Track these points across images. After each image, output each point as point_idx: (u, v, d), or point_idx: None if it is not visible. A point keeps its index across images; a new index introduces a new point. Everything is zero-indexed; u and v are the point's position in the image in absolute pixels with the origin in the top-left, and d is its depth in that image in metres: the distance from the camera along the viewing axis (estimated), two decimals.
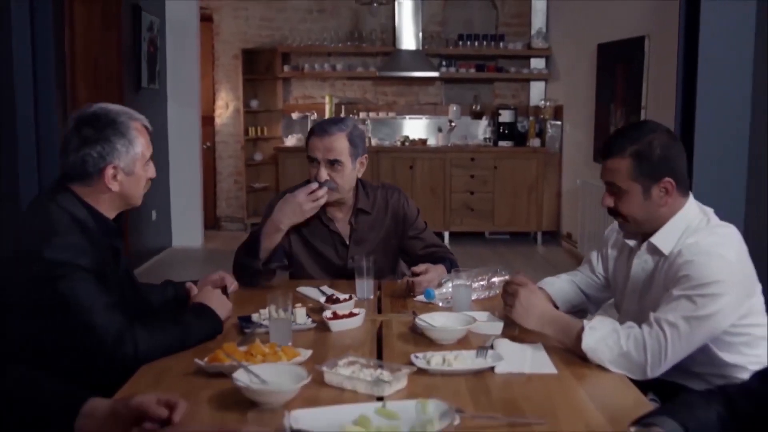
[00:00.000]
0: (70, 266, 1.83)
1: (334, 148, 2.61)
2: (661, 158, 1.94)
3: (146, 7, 6.76)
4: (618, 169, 1.97)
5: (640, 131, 1.98)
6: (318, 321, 2.13)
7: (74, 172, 1.97)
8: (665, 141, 1.96)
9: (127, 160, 1.98)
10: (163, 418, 1.37)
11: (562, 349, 1.92)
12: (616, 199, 2.00)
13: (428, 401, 1.31)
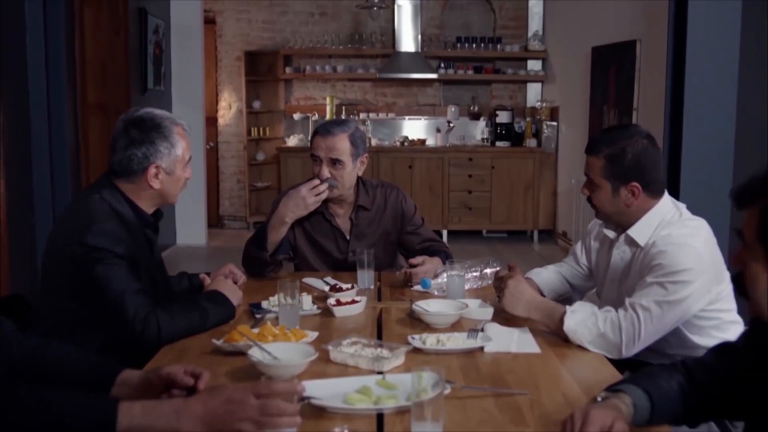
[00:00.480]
0: (106, 252, 2.03)
1: (336, 147, 2.77)
2: (631, 164, 2.12)
3: (152, 10, 6.91)
4: (593, 166, 2.16)
5: (620, 135, 2.16)
6: (323, 308, 2.30)
7: (120, 169, 2.17)
8: (641, 148, 2.13)
9: (169, 161, 2.18)
10: (190, 386, 1.55)
11: (547, 332, 2.09)
12: (590, 191, 2.20)
13: (423, 372, 1.48)
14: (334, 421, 1.40)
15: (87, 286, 2.04)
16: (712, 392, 1.52)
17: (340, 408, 1.51)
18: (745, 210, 1.30)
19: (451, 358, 1.88)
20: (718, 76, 4.50)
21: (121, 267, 2.06)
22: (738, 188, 1.33)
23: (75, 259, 2.05)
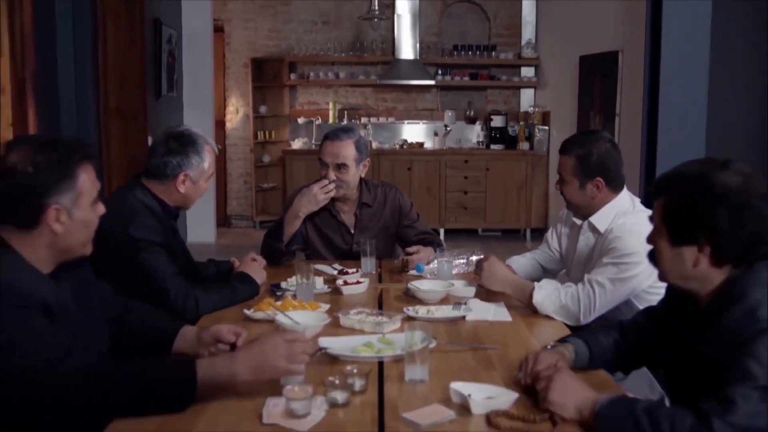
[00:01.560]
0: (148, 242, 2.44)
1: (342, 153, 3.16)
2: (596, 163, 2.54)
3: (166, 21, 7.28)
4: (565, 165, 2.58)
5: (587, 139, 2.59)
6: (332, 287, 2.72)
7: (155, 171, 2.57)
8: (605, 150, 2.55)
9: (197, 172, 2.60)
10: (232, 342, 1.96)
11: (519, 307, 2.51)
12: (562, 186, 2.62)
13: (415, 330, 1.89)
14: (345, 366, 1.80)
15: (131, 270, 2.44)
16: (640, 346, 1.93)
17: (350, 356, 1.92)
18: (655, 201, 1.72)
19: (438, 324, 2.29)
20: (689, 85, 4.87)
21: (161, 254, 2.47)
22: (654, 182, 1.74)
23: (120, 248, 2.43)
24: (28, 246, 1.69)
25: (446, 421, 1.58)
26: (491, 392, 1.68)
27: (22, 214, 1.68)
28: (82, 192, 1.74)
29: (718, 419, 1.38)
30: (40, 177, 1.67)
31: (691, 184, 1.64)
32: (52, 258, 1.74)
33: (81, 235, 1.77)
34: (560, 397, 1.57)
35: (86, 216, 1.76)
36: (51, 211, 1.69)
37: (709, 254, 1.61)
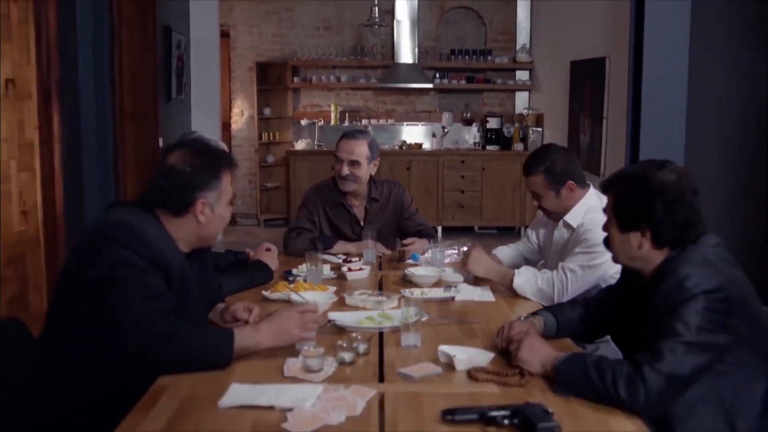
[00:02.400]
0: None
1: (356, 151, 3.50)
2: (562, 170, 2.88)
3: (175, 27, 7.60)
4: (535, 183, 2.92)
5: (546, 154, 2.93)
6: (338, 273, 3.06)
7: None
8: (563, 157, 2.90)
9: None
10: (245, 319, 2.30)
11: (502, 291, 2.85)
12: (539, 201, 2.95)
13: (410, 306, 2.22)
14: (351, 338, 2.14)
15: None
16: (601, 318, 2.27)
17: (354, 327, 2.27)
18: (607, 194, 2.06)
19: (431, 304, 2.63)
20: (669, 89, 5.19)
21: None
22: (605, 180, 2.08)
23: None
24: (175, 228, 2.10)
25: (434, 374, 1.92)
26: (472, 353, 2.02)
27: (177, 204, 2.09)
28: (223, 192, 2.15)
29: (648, 367, 1.72)
30: (195, 176, 2.08)
31: (634, 182, 1.99)
32: (189, 243, 2.14)
33: (217, 227, 2.17)
34: (528, 355, 1.92)
35: (223, 212, 2.17)
36: (199, 204, 2.09)
37: (650, 238, 1.95)
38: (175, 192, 2.08)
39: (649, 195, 1.92)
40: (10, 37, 4.42)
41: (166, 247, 2.04)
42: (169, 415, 1.66)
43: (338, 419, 1.63)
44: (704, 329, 1.75)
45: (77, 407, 1.97)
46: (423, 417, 1.66)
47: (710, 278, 1.81)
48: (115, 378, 1.95)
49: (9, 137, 4.40)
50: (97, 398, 1.96)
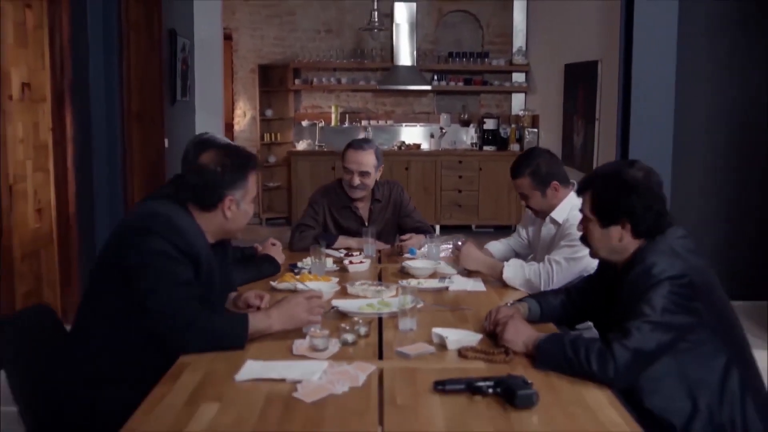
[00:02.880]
0: None
1: (365, 162, 3.72)
2: (547, 172, 3.09)
3: (180, 31, 7.78)
4: (522, 185, 3.14)
5: (531, 157, 3.15)
6: (340, 266, 3.27)
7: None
8: (547, 159, 3.11)
9: None
10: (257, 306, 2.51)
11: (493, 282, 3.06)
12: (527, 201, 3.17)
13: (407, 294, 2.43)
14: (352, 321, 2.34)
15: None
16: (581, 305, 2.48)
17: (356, 312, 2.47)
18: (583, 195, 2.26)
19: (426, 293, 2.84)
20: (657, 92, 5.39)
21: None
22: (579, 182, 2.29)
23: None
24: (203, 221, 2.30)
25: (428, 353, 2.13)
26: (462, 335, 2.23)
27: (207, 199, 2.29)
28: (248, 191, 2.35)
29: (617, 343, 1.93)
30: (225, 175, 2.29)
31: (610, 180, 2.19)
32: (215, 235, 2.36)
33: (241, 222, 2.39)
34: (512, 336, 2.12)
35: (248, 209, 2.38)
36: (227, 200, 2.29)
37: (630, 230, 2.16)
38: (206, 189, 2.28)
39: (625, 191, 2.13)
40: (26, 42, 4.63)
41: (197, 239, 2.24)
42: (192, 388, 1.87)
43: (342, 389, 1.83)
44: (668, 311, 1.96)
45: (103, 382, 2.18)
46: (417, 388, 1.87)
47: (675, 266, 2.02)
48: (139, 357, 2.16)
49: (25, 138, 4.61)
50: (122, 375, 2.17)
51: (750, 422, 2.00)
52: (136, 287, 2.12)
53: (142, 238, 2.16)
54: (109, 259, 2.24)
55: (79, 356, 2.23)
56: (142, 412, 1.73)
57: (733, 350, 2.05)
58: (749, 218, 5.65)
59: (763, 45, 5.53)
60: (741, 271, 5.66)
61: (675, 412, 2.00)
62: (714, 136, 5.66)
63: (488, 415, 1.72)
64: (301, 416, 1.71)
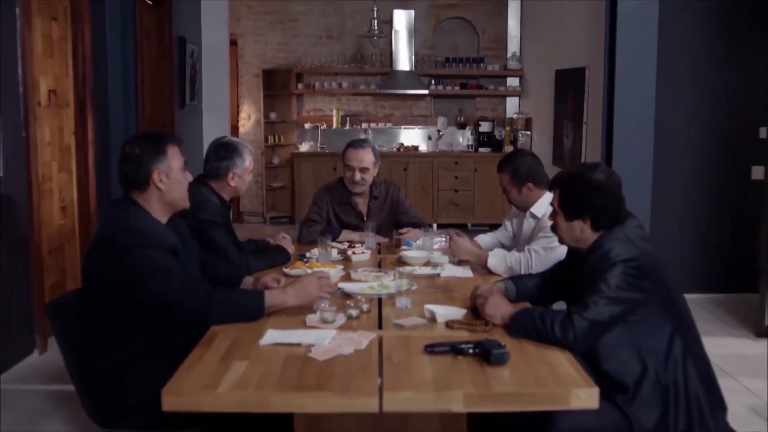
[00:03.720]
0: (212, 222, 3.35)
1: (365, 159, 4.10)
2: (524, 173, 3.47)
3: (189, 38, 8.12)
4: (503, 179, 3.53)
5: (515, 157, 3.53)
6: (344, 256, 3.65)
7: (212, 173, 3.49)
8: (528, 162, 3.49)
9: (241, 169, 3.51)
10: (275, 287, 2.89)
11: (480, 270, 3.44)
12: (506, 194, 3.55)
13: (403, 279, 2.81)
14: (356, 299, 2.72)
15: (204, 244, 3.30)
16: (552, 287, 2.85)
17: (359, 293, 2.85)
18: (553, 191, 2.64)
19: (420, 279, 3.21)
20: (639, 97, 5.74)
21: (221, 230, 3.40)
22: (551, 180, 2.67)
23: (191, 226, 3.36)
24: (147, 201, 2.60)
25: (420, 324, 2.51)
26: (450, 310, 2.61)
27: (139, 180, 2.59)
28: (171, 161, 2.63)
29: (576, 314, 2.31)
30: (144, 155, 2.58)
31: (575, 181, 2.57)
32: (163, 210, 2.65)
33: (178, 191, 2.65)
34: (491, 310, 2.50)
35: (178, 177, 2.65)
36: (155, 174, 2.59)
37: (590, 224, 2.54)
38: (135, 172, 2.56)
39: (587, 191, 2.51)
40: (52, 52, 5.01)
41: (164, 233, 2.56)
42: (224, 350, 2.25)
43: (348, 351, 2.21)
44: (621, 288, 2.34)
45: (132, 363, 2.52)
46: (410, 351, 2.25)
47: (628, 251, 2.40)
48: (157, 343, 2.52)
49: (51, 141, 4.99)
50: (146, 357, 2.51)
51: (690, 382, 2.38)
52: (148, 294, 2.44)
53: (129, 256, 2.44)
54: (98, 273, 2.52)
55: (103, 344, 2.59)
56: (185, 368, 2.11)
57: (676, 322, 2.43)
58: (726, 214, 6.03)
59: (736, 55, 5.91)
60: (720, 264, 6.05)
61: (628, 374, 2.37)
62: (692, 138, 6.04)
63: (468, 371, 2.10)
64: (315, 370, 2.08)
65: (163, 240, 2.54)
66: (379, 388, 1.96)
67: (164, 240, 2.54)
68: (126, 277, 2.45)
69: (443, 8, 10.02)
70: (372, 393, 1.94)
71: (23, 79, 4.41)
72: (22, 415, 3.73)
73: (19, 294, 4.41)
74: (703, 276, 6.06)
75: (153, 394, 2.28)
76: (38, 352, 4.60)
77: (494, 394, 1.96)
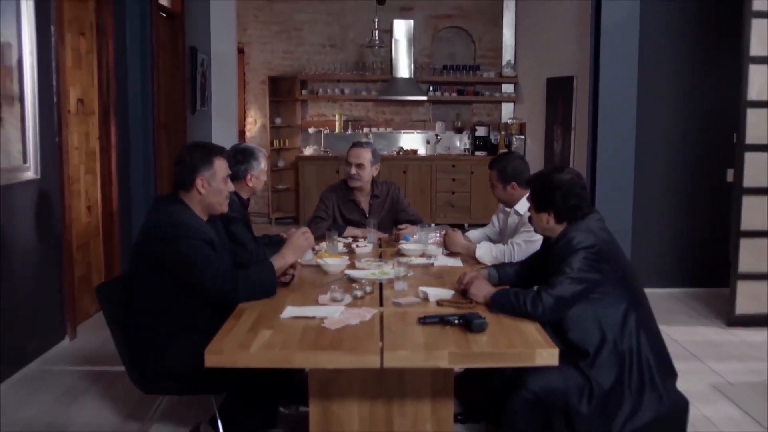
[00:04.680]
0: (234, 219, 3.80)
1: (361, 156, 4.55)
2: (510, 172, 3.92)
3: (199, 48, 8.51)
4: (491, 176, 3.97)
5: (505, 158, 3.99)
6: (348, 249, 4.10)
7: (232, 176, 3.91)
8: (515, 164, 3.94)
9: (257, 172, 3.96)
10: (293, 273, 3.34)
11: (468, 260, 3.89)
12: (492, 189, 4.00)
13: (401, 266, 3.26)
14: (360, 283, 3.17)
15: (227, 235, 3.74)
16: (529, 273, 3.30)
17: (362, 278, 3.30)
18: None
19: (416, 267, 3.66)
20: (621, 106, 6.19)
21: (241, 225, 3.85)
22: (528, 178, 3.11)
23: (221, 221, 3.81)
24: (190, 200, 3.07)
25: (415, 302, 2.96)
26: (441, 291, 3.06)
27: (186, 182, 3.07)
28: (216, 171, 3.11)
29: (544, 292, 2.75)
30: (194, 162, 3.07)
31: (542, 181, 3.02)
32: (202, 210, 3.11)
33: (216, 198, 3.11)
34: (475, 290, 2.95)
35: (220, 186, 3.12)
36: (198, 180, 3.07)
37: (553, 217, 2.99)
38: (183, 173, 3.05)
39: (550, 190, 2.96)
40: (80, 65, 5.47)
41: (201, 225, 3.02)
42: (251, 322, 2.70)
43: (355, 322, 2.66)
44: (582, 270, 2.79)
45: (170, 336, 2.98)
46: (406, 322, 2.70)
47: (588, 239, 2.85)
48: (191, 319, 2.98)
49: (79, 146, 5.45)
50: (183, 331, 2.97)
51: (643, 350, 2.82)
52: (191, 274, 2.89)
53: (176, 243, 2.89)
54: (148, 257, 2.98)
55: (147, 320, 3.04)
56: (221, 335, 2.56)
57: (631, 299, 2.88)
58: (704, 214, 6.45)
59: (711, 66, 6.35)
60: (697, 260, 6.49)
61: (589, 343, 2.82)
62: (671, 142, 6.47)
63: (453, 337, 2.55)
64: (328, 336, 2.54)
65: (204, 233, 3.00)
66: (381, 349, 2.42)
67: (205, 234, 3.00)
68: (172, 262, 2.90)
69: (441, 18, 10.41)
70: (375, 352, 2.39)
71: (57, 89, 4.85)
72: (60, 391, 4.17)
73: (52, 286, 4.86)
74: (681, 271, 6.50)
75: (188, 363, 2.76)
76: (69, 338, 5.04)
77: (473, 353, 2.41)
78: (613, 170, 6.27)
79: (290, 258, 3.13)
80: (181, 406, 3.75)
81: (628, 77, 6.20)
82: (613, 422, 2.74)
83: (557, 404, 2.75)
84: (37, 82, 4.52)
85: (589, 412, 2.75)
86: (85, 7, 5.52)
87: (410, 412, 2.72)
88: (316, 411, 2.73)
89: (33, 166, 4.52)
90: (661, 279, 6.41)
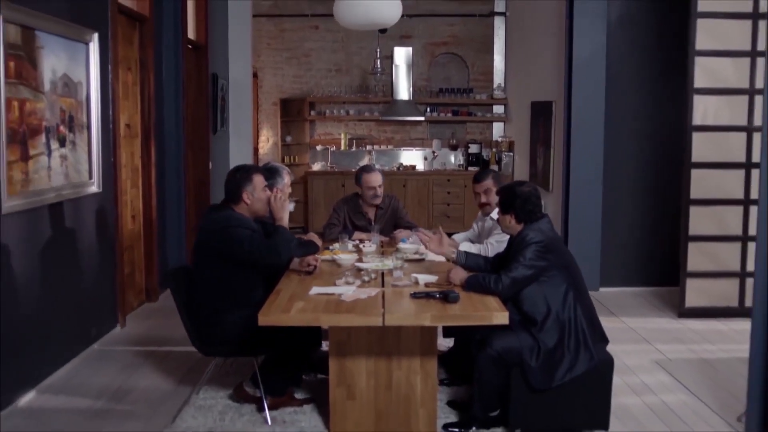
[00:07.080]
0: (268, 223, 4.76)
1: (379, 180, 5.50)
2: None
3: (220, 74, 9.31)
4: (487, 184, 4.89)
5: (484, 176, 4.92)
6: (356, 248, 5.06)
7: None
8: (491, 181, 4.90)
9: (282, 186, 4.91)
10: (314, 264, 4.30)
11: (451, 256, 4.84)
12: (485, 197, 4.94)
13: (398, 260, 4.21)
14: (367, 272, 4.12)
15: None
16: (494, 262, 4.25)
17: (368, 268, 4.26)
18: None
19: (411, 262, 4.63)
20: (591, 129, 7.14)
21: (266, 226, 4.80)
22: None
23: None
24: (239, 208, 4.03)
25: (408, 285, 3.92)
26: (428, 276, 4.02)
27: (235, 197, 4.05)
28: (256, 185, 4.08)
29: (504, 275, 3.69)
30: (239, 180, 4.04)
31: (507, 191, 3.98)
32: (251, 216, 4.06)
33: (259, 206, 4.10)
34: (454, 275, 3.90)
35: (260, 195, 4.09)
36: (244, 194, 4.04)
37: (513, 218, 3.94)
38: (232, 190, 4.01)
39: (512, 197, 3.91)
40: (128, 95, 6.44)
41: (243, 218, 3.97)
42: (287, 297, 3.66)
43: (364, 297, 3.62)
44: (532, 259, 3.73)
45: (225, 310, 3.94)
46: (402, 298, 3.66)
47: (538, 236, 3.79)
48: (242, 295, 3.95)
49: (126, 164, 6.41)
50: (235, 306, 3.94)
51: (578, 319, 3.76)
52: (243, 252, 3.83)
53: (232, 231, 3.87)
54: (209, 245, 3.94)
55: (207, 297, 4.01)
56: (268, 303, 3.53)
57: (570, 281, 3.81)
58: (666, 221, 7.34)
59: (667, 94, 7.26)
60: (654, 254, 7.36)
61: (538, 313, 3.76)
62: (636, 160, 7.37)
63: (436, 306, 3.50)
64: (345, 305, 3.51)
65: (245, 223, 3.98)
66: (383, 313, 3.38)
67: (247, 223, 3.98)
68: (227, 245, 3.86)
69: (437, 45, 11.22)
70: (378, 315, 3.36)
71: (112, 117, 5.81)
72: (121, 365, 5.11)
73: (108, 281, 5.81)
74: (644, 271, 7.40)
75: (239, 330, 3.73)
76: (120, 326, 5.99)
77: (448, 315, 3.39)
78: (583, 184, 7.19)
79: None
80: (221, 376, 4.70)
81: (596, 102, 7.14)
82: (556, 373, 3.69)
83: (514, 360, 3.70)
84: (100, 112, 5.48)
85: (537, 365, 3.69)
86: (131, 46, 6.49)
87: (404, 366, 3.66)
88: (335, 366, 3.68)
89: (96, 182, 5.47)
90: (625, 279, 7.32)
